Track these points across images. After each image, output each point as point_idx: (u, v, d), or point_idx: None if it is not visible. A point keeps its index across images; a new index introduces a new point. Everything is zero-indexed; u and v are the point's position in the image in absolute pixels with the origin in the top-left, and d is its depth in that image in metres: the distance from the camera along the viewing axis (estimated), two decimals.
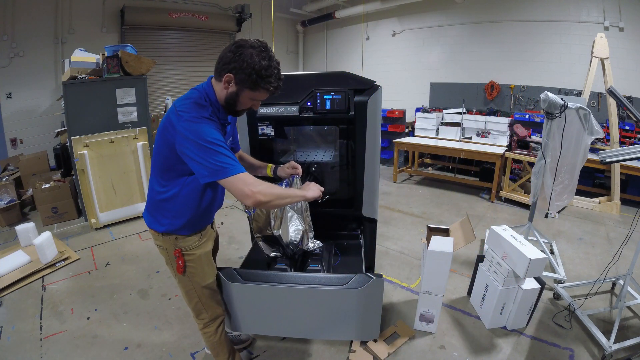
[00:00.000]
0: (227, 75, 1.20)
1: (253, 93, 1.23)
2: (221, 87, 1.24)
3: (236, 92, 1.24)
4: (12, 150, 5.02)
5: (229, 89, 1.23)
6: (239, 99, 1.25)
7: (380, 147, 1.99)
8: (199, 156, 1.15)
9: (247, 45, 1.18)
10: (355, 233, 2.23)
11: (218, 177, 1.16)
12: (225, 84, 1.22)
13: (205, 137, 1.14)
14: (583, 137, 2.63)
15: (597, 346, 2.01)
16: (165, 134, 1.23)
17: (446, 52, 6.26)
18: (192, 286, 1.49)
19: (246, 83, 1.20)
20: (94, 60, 3.77)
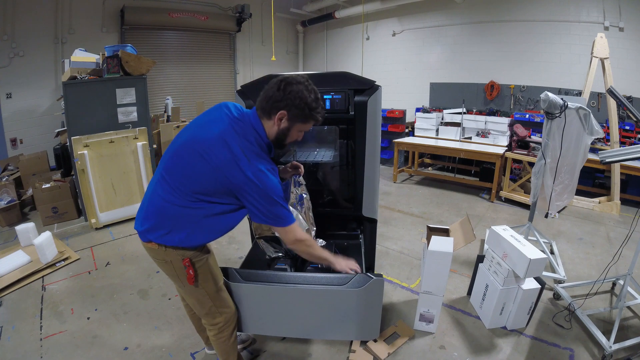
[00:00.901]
0: (281, 112, 1.27)
1: (303, 125, 1.33)
2: (271, 124, 1.30)
3: (288, 127, 1.31)
4: (12, 150, 5.02)
5: (281, 125, 1.30)
6: (289, 132, 1.33)
7: (380, 147, 1.99)
8: (262, 205, 1.26)
9: (294, 82, 1.27)
10: (355, 233, 2.23)
11: (275, 224, 1.33)
12: (278, 122, 1.29)
13: (274, 191, 1.26)
14: (583, 137, 2.63)
15: (597, 346, 2.01)
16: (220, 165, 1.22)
17: (446, 52, 6.26)
18: (205, 292, 1.45)
19: (299, 118, 1.29)
20: (94, 60, 3.77)
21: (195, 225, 1.33)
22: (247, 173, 1.22)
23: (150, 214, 1.36)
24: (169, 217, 1.32)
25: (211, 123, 1.29)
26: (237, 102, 1.95)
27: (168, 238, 1.33)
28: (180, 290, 1.59)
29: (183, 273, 1.38)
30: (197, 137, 1.27)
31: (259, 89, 1.95)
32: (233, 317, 1.57)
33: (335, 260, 1.54)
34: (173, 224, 1.32)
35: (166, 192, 1.31)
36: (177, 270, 1.39)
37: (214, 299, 1.48)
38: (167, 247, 1.35)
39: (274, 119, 1.28)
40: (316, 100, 1.29)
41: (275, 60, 6.59)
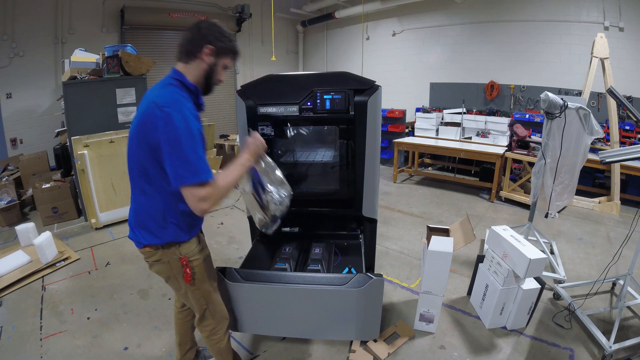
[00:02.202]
0: (206, 47, 1.25)
1: (227, 59, 1.31)
2: (196, 65, 1.27)
3: (215, 63, 1.28)
4: (12, 150, 5.02)
5: (208, 61, 1.27)
6: (216, 69, 1.30)
7: (380, 147, 1.99)
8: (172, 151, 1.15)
9: (207, 22, 1.29)
10: (356, 233, 2.23)
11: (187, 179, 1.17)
12: (206, 57, 1.26)
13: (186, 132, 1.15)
14: (583, 137, 2.63)
15: (597, 346, 2.01)
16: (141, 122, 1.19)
17: (446, 52, 6.26)
18: (201, 293, 1.46)
19: (223, 51, 1.28)
20: (94, 60, 3.77)
21: (167, 210, 1.29)
22: (158, 114, 1.14)
23: (133, 219, 1.37)
24: (146, 215, 1.32)
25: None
26: (236, 102, 1.96)
27: (156, 236, 1.32)
28: (177, 293, 1.56)
29: (180, 272, 1.38)
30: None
31: (259, 89, 1.96)
32: (226, 320, 1.57)
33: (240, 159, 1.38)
34: (151, 219, 1.32)
35: (134, 192, 1.34)
36: (175, 270, 1.38)
37: (209, 300, 1.48)
38: (162, 248, 1.34)
39: (199, 57, 1.26)
40: (230, 33, 1.32)
41: (275, 60, 6.59)
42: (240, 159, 1.37)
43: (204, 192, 1.16)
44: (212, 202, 1.20)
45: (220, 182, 1.23)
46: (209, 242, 3.71)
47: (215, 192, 1.20)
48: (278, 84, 1.96)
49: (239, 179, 1.34)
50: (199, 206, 1.18)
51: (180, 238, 1.34)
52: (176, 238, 1.34)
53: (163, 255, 1.36)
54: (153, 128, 1.15)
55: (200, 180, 1.15)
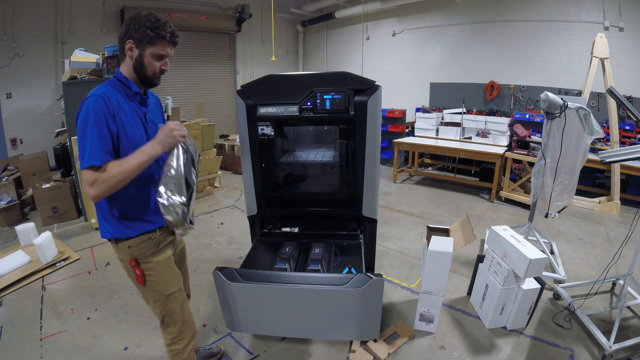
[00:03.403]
0: (127, 42, 1.24)
1: (153, 47, 1.25)
2: (126, 63, 1.28)
3: (139, 55, 1.25)
4: (12, 150, 5.02)
5: (133, 55, 1.26)
6: (143, 60, 1.26)
7: (380, 147, 1.99)
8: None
9: (130, 17, 1.26)
10: (355, 233, 2.23)
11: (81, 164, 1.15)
12: (129, 52, 1.25)
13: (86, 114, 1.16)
14: (583, 137, 2.63)
15: (597, 346, 2.01)
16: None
17: (446, 52, 6.26)
18: (157, 296, 1.41)
19: (144, 40, 1.23)
20: (94, 60, 3.77)
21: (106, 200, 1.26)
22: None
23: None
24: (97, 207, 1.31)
25: None
26: (237, 102, 1.95)
27: (105, 231, 1.32)
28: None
29: (131, 273, 1.35)
30: None
31: (259, 89, 1.96)
32: (190, 331, 1.50)
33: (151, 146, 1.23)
34: (98, 209, 1.31)
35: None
36: (127, 270, 1.37)
37: (167, 305, 1.42)
38: (115, 242, 1.33)
39: (126, 54, 1.26)
40: (156, 19, 1.24)
41: (275, 60, 6.60)
42: (145, 146, 1.23)
43: (91, 178, 1.12)
44: (100, 189, 1.13)
45: (111, 169, 1.14)
46: (209, 242, 3.70)
47: (102, 178, 1.12)
48: (278, 84, 1.96)
49: (138, 168, 1.18)
50: (88, 192, 1.14)
51: (126, 233, 1.30)
52: (120, 233, 1.30)
53: (119, 252, 1.34)
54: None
55: (87, 165, 1.12)
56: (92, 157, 1.13)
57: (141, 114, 1.34)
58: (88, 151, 1.13)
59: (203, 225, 3.79)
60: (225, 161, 5.83)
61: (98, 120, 1.15)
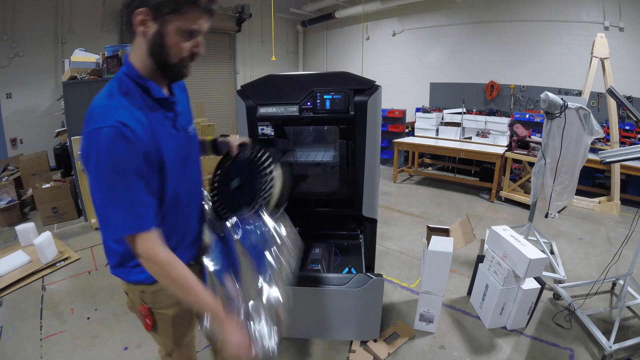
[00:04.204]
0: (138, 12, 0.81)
1: (181, 19, 0.82)
2: (137, 45, 0.86)
3: (159, 32, 0.83)
4: (12, 150, 5.01)
5: (149, 32, 0.83)
6: (166, 39, 0.84)
7: (380, 147, 1.99)
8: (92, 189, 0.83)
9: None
10: (355, 233, 2.23)
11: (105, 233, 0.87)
12: (141, 28, 0.83)
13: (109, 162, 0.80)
14: (583, 137, 2.63)
15: (597, 346, 2.01)
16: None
17: (446, 52, 6.26)
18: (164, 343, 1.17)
19: (165, 7, 0.81)
20: (94, 60, 3.77)
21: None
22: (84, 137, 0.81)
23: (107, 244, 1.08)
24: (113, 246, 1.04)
25: None
26: (237, 102, 1.95)
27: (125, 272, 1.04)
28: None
29: (140, 318, 1.12)
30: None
31: (259, 89, 1.96)
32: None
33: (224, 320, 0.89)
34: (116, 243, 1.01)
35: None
36: (133, 310, 1.13)
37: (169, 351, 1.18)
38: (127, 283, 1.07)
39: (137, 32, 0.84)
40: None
41: (275, 60, 6.59)
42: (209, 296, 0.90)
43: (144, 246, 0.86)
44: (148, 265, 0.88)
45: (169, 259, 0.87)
46: None
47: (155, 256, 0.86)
48: (278, 84, 1.96)
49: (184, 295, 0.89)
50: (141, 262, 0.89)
51: (139, 278, 1.02)
52: (132, 276, 1.03)
53: (129, 289, 1.08)
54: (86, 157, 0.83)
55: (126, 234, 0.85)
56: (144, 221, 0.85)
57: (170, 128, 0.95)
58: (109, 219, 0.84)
59: None
60: None
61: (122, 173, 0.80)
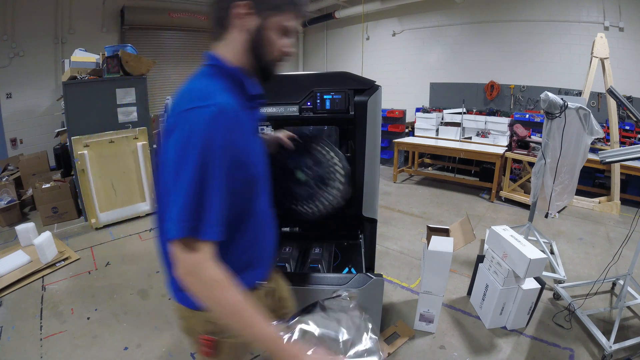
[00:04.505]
0: (239, 4, 0.78)
1: (282, 17, 0.80)
2: (231, 40, 0.83)
3: (260, 27, 0.80)
4: (12, 150, 5.02)
5: (249, 26, 0.80)
6: (266, 34, 0.81)
7: (380, 147, 1.99)
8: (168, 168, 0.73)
9: None
10: (355, 233, 2.23)
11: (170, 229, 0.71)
12: (241, 20, 0.79)
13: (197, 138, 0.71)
14: (583, 137, 2.63)
15: (597, 346, 2.01)
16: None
17: (446, 52, 6.26)
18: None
19: (269, 2, 0.79)
20: (94, 60, 3.77)
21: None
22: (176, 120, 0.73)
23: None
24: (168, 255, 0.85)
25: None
26: None
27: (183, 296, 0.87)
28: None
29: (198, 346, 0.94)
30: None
31: None
32: None
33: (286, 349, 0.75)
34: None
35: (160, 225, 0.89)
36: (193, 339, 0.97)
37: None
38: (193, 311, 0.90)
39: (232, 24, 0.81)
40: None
41: None
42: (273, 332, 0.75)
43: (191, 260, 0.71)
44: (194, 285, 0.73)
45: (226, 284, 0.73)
46: None
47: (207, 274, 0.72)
48: (278, 84, 1.95)
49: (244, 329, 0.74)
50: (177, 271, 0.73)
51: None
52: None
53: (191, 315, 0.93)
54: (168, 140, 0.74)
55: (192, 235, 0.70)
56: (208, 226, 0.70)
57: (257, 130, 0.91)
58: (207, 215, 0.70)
59: None
60: None
61: (223, 160, 0.71)
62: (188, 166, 0.69)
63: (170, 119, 0.75)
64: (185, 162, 0.69)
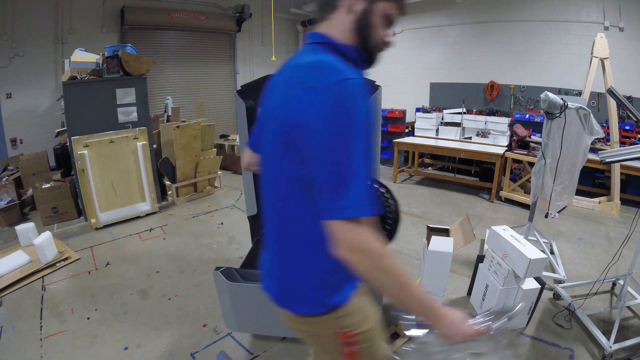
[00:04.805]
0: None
1: (387, 5, 0.82)
2: (338, 20, 0.83)
3: (367, 10, 0.81)
4: (12, 150, 5.01)
5: (356, 8, 0.81)
6: (372, 19, 0.82)
7: (380, 147, 1.99)
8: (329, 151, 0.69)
9: None
10: None
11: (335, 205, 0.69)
12: (348, 1, 0.81)
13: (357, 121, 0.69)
14: (583, 137, 2.63)
15: (597, 346, 2.01)
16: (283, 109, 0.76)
17: (446, 52, 6.26)
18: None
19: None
20: (94, 60, 3.78)
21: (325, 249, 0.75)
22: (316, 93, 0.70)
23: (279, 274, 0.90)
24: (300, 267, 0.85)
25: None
26: (236, 102, 1.95)
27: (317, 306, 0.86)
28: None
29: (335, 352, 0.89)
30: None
31: (259, 89, 1.96)
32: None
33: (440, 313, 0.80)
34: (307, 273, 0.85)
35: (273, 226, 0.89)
36: (329, 347, 0.90)
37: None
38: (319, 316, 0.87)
39: (340, 5, 0.82)
40: None
41: (275, 60, 6.59)
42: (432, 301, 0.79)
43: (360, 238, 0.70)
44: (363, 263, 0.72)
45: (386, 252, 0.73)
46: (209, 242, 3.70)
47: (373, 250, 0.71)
48: None
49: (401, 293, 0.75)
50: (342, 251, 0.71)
51: (343, 298, 0.86)
52: (337, 300, 0.85)
53: (318, 327, 0.89)
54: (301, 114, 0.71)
55: (355, 215, 0.68)
56: (367, 203, 0.69)
57: None
58: (363, 190, 0.69)
59: (203, 225, 3.79)
60: (225, 161, 5.82)
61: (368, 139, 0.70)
62: (358, 142, 0.68)
63: (297, 91, 0.72)
64: (352, 137, 0.68)
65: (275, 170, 0.82)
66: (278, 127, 0.77)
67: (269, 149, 0.84)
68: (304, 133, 0.71)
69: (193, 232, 3.60)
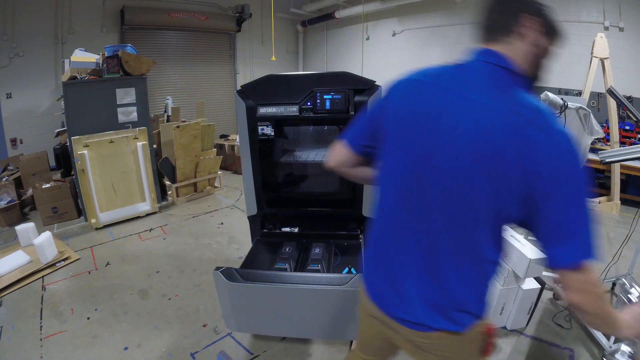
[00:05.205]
0: (531, 18, 0.79)
1: (554, 43, 0.86)
2: (520, 47, 0.81)
3: (546, 46, 0.83)
4: (12, 150, 5.02)
5: (538, 42, 0.81)
6: (547, 55, 0.85)
7: None
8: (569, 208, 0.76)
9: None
10: (355, 233, 2.23)
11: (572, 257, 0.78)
12: (530, 33, 0.80)
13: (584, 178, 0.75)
14: (583, 137, 2.63)
15: (597, 346, 2.01)
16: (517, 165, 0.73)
17: (446, 52, 6.25)
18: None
19: (554, 29, 0.83)
20: (94, 60, 3.77)
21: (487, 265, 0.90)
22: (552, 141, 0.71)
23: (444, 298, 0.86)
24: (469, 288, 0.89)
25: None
26: (236, 102, 1.95)
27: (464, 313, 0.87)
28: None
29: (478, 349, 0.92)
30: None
31: (259, 89, 1.96)
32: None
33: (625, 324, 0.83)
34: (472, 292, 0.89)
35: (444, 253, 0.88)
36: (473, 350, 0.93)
37: None
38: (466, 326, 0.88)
39: (520, 34, 0.80)
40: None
41: (275, 60, 6.59)
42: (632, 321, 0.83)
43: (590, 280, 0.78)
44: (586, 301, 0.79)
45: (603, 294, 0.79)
46: (209, 242, 3.69)
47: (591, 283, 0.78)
48: (278, 84, 1.96)
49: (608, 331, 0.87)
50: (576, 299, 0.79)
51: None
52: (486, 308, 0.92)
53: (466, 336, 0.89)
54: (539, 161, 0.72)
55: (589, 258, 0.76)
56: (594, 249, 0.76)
57: None
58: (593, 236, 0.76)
59: (203, 225, 3.79)
60: (225, 161, 5.82)
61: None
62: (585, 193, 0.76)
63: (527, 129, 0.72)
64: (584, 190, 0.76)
65: (461, 197, 0.81)
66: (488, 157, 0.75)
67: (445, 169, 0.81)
68: (539, 182, 0.73)
69: (193, 232, 3.60)
